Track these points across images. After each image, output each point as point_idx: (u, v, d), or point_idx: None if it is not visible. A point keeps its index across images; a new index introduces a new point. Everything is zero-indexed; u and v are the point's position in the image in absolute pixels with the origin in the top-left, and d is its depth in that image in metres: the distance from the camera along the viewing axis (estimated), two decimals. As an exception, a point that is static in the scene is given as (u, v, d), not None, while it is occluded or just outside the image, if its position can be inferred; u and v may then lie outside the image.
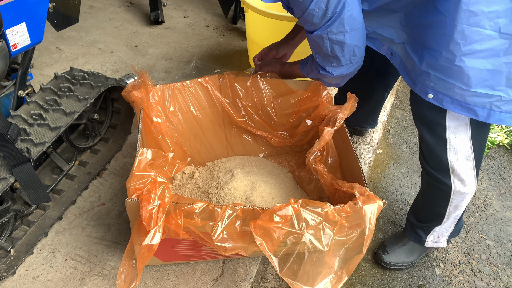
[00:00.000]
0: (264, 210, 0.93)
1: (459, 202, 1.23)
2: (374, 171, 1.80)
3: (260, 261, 1.28)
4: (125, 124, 1.60)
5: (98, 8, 2.49)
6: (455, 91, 0.99)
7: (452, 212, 1.26)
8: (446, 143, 1.12)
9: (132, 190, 0.94)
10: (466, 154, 1.13)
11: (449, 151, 1.13)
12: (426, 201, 1.30)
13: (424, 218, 1.33)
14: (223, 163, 1.46)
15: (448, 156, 1.14)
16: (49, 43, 2.14)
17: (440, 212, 1.27)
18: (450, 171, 1.16)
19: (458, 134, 1.10)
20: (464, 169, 1.15)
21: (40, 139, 1.16)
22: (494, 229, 1.60)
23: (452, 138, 1.11)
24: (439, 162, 1.16)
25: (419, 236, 1.36)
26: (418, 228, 1.35)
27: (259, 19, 1.73)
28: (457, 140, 1.11)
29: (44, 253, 1.24)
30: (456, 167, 1.15)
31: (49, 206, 1.33)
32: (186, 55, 2.16)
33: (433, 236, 1.35)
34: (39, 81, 1.86)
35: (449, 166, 1.15)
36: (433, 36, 0.99)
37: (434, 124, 1.11)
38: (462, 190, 1.19)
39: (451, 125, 1.09)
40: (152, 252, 0.88)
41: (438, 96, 1.03)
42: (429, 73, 1.02)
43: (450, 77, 0.98)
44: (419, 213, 1.34)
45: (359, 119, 1.71)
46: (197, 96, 1.36)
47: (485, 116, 1.00)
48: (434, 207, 1.28)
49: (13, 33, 1.09)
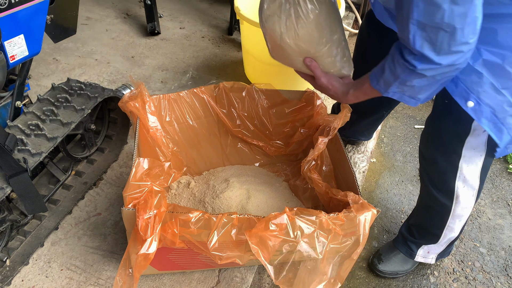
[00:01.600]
0: (260, 218, 0.95)
1: (455, 225, 1.25)
2: (368, 180, 1.82)
3: (256, 270, 1.28)
4: (121, 134, 1.61)
5: (95, 20, 2.51)
6: (504, 107, 0.86)
7: (447, 234, 1.28)
8: (457, 171, 1.10)
9: (129, 200, 0.95)
10: (473, 183, 1.13)
11: (458, 178, 1.12)
12: (422, 220, 1.31)
13: (418, 235, 1.34)
14: (218, 172, 1.47)
15: (456, 183, 1.13)
16: (46, 54, 2.15)
17: (435, 233, 1.29)
18: (454, 197, 1.16)
19: (470, 164, 1.09)
20: (467, 197, 1.16)
21: (37, 149, 1.17)
22: (487, 237, 1.62)
23: (464, 167, 1.09)
24: (445, 187, 1.16)
25: (411, 249, 1.38)
26: (410, 242, 1.37)
27: (254, 31, 1.75)
28: (468, 169, 1.10)
29: (40, 263, 1.24)
30: (461, 193, 1.15)
31: (45, 216, 1.34)
32: (182, 65, 2.19)
33: (424, 251, 1.37)
34: (36, 91, 1.87)
35: (454, 192, 1.15)
36: (505, 31, 0.82)
37: (449, 151, 1.08)
38: (460, 213, 1.21)
39: (467, 154, 1.06)
40: (148, 261, 0.89)
41: (480, 106, 0.88)
42: (482, 75, 0.86)
43: (508, 87, 0.84)
44: (414, 230, 1.35)
45: (355, 131, 1.73)
46: (193, 106, 1.38)
47: (506, 143, 0.92)
48: (430, 227, 1.29)
49: (11, 44, 1.11)
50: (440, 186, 1.17)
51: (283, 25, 1.02)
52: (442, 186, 1.17)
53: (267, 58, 1.85)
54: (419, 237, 1.34)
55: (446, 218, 1.22)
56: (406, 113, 2.22)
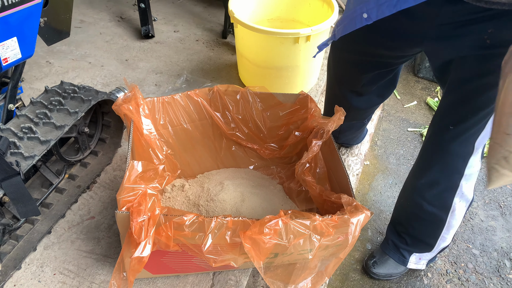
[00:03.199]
0: (254, 221, 0.95)
1: (448, 235, 1.27)
2: (362, 182, 1.83)
3: (250, 273, 1.28)
4: (115, 138, 1.61)
5: (88, 23, 2.50)
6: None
7: (440, 244, 1.30)
8: (457, 189, 1.14)
9: (122, 203, 0.94)
10: (468, 196, 1.17)
11: (457, 195, 1.15)
12: (415, 231, 1.31)
13: (411, 244, 1.35)
14: (213, 175, 1.47)
15: (454, 199, 1.16)
16: (39, 57, 2.14)
17: (429, 243, 1.31)
18: (450, 211, 1.19)
19: (469, 181, 1.12)
20: (462, 209, 1.19)
21: (30, 152, 1.16)
22: (479, 238, 1.63)
23: (464, 184, 1.13)
24: (442, 203, 1.18)
25: (403, 256, 1.39)
26: (402, 250, 1.38)
27: (248, 34, 1.76)
28: (467, 186, 1.14)
29: (32, 268, 1.23)
30: (457, 208, 1.18)
31: (38, 220, 1.33)
32: (176, 69, 2.19)
33: (416, 257, 1.39)
34: (29, 94, 1.86)
35: (451, 207, 1.18)
36: None
37: (453, 172, 1.11)
38: (454, 224, 1.23)
39: (467, 173, 1.10)
40: (142, 265, 0.88)
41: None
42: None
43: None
44: (407, 238, 1.35)
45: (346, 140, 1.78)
46: (187, 109, 1.38)
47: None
48: (424, 238, 1.31)
49: (4, 47, 1.10)
50: (437, 204, 1.19)
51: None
52: (439, 204, 1.18)
53: (261, 61, 1.86)
54: (412, 245, 1.35)
55: (440, 229, 1.24)
56: (400, 116, 2.24)
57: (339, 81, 1.42)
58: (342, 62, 1.36)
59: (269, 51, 1.77)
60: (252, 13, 2.04)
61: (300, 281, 1.05)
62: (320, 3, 1.93)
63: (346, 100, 1.44)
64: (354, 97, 1.42)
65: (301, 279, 1.05)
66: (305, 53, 1.76)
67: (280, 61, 1.80)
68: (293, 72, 1.84)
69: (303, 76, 1.90)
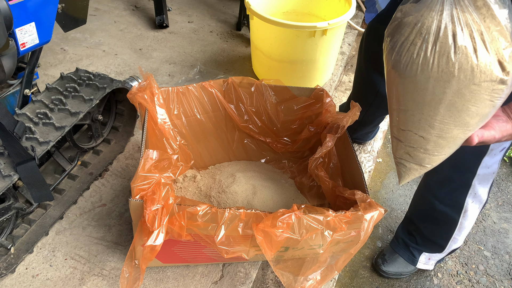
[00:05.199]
0: (267, 214, 0.94)
1: (460, 236, 1.26)
2: (374, 180, 1.81)
3: (259, 266, 1.28)
4: (128, 126, 1.61)
5: (103, 11, 2.50)
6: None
7: (451, 246, 1.29)
8: (469, 189, 1.12)
9: (136, 191, 0.94)
10: (482, 197, 1.15)
11: (469, 195, 1.13)
12: (427, 231, 1.30)
13: (422, 243, 1.34)
14: (224, 167, 1.47)
15: (467, 199, 1.14)
16: (54, 43, 2.15)
17: (441, 244, 1.30)
18: (462, 211, 1.17)
19: (483, 182, 1.10)
20: (475, 210, 1.18)
21: (44, 137, 1.16)
22: (491, 240, 1.61)
23: (476, 184, 1.11)
24: (455, 203, 1.16)
25: (413, 255, 1.38)
26: (412, 249, 1.37)
27: (264, 26, 1.75)
28: (480, 186, 1.11)
29: (44, 252, 1.24)
30: (469, 208, 1.17)
31: (51, 205, 1.34)
32: (190, 59, 2.18)
33: (425, 257, 1.38)
34: (43, 81, 1.86)
35: (463, 207, 1.16)
36: None
37: (465, 170, 1.09)
38: (466, 225, 1.22)
39: (481, 172, 1.08)
40: (155, 253, 0.88)
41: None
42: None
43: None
44: (418, 238, 1.34)
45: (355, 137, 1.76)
46: (201, 100, 1.38)
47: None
48: (435, 238, 1.29)
49: (23, 32, 1.10)
50: (449, 202, 1.17)
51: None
52: (451, 202, 1.17)
53: (276, 54, 1.85)
54: (422, 245, 1.34)
55: (452, 230, 1.23)
56: (413, 114, 2.21)
57: (369, 62, 1.40)
58: (375, 40, 1.34)
59: (284, 44, 1.76)
60: (267, 5, 2.02)
61: (309, 273, 1.04)
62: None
63: (374, 85, 1.41)
64: (382, 81, 1.40)
65: (310, 272, 1.04)
66: (321, 47, 1.74)
67: (296, 55, 1.78)
68: (308, 66, 1.82)
69: (318, 70, 1.88)
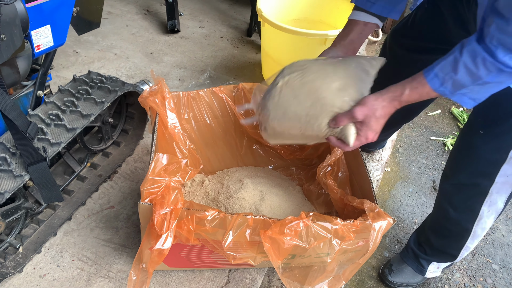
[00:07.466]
0: (275, 221, 0.94)
1: (472, 244, 1.23)
2: (382, 189, 1.80)
3: (265, 272, 1.28)
4: (138, 129, 1.62)
5: (115, 15, 2.53)
6: None
7: (463, 254, 1.27)
8: (486, 196, 1.08)
9: (146, 194, 0.95)
10: (499, 206, 1.11)
11: (485, 203, 1.10)
12: (439, 242, 1.28)
13: (432, 254, 1.32)
14: (232, 173, 1.47)
15: (482, 207, 1.11)
16: (67, 46, 2.18)
17: (453, 254, 1.27)
18: (477, 219, 1.14)
19: (501, 191, 1.07)
20: (490, 219, 1.14)
21: (56, 139, 1.18)
22: (500, 253, 1.59)
23: (494, 192, 1.07)
24: (469, 211, 1.14)
25: (422, 266, 1.36)
26: (422, 259, 1.35)
27: (275, 33, 1.75)
28: (498, 195, 1.08)
29: (52, 253, 1.25)
30: (484, 216, 1.13)
31: (59, 206, 1.35)
32: (200, 64, 2.19)
33: (434, 267, 1.36)
34: (55, 82, 1.89)
35: (478, 215, 1.13)
36: None
37: (483, 178, 1.06)
38: (479, 234, 1.19)
39: (499, 181, 1.05)
40: (162, 257, 0.89)
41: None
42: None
43: None
44: (427, 249, 1.32)
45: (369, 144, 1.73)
46: (211, 105, 1.38)
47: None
48: (447, 249, 1.27)
49: (38, 34, 1.12)
50: (464, 210, 1.15)
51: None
52: (466, 210, 1.14)
53: (287, 61, 1.85)
54: (432, 255, 1.32)
55: (464, 240, 1.20)
56: (423, 124, 2.20)
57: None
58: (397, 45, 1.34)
59: (295, 51, 1.76)
60: (279, 13, 2.03)
61: (316, 283, 1.04)
62: (348, 6, 1.91)
63: None
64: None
65: (317, 282, 1.04)
66: (331, 55, 1.74)
67: (305, 62, 1.79)
68: (318, 73, 1.82)
69: (327, 78, 1.88)
